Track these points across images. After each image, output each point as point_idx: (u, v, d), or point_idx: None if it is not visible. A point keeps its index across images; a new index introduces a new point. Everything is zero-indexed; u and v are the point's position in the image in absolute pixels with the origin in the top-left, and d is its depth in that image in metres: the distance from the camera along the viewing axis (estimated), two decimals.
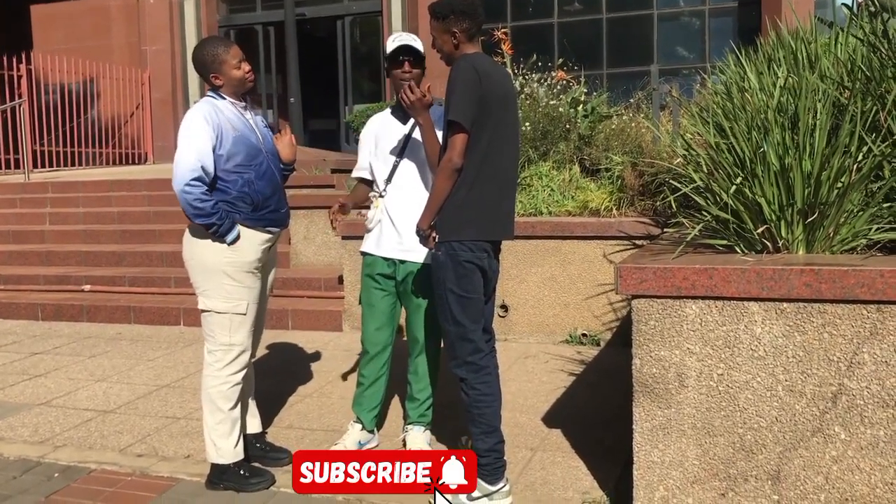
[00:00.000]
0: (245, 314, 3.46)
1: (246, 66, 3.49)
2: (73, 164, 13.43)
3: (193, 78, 15.08)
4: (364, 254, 3.76)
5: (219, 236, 3.39)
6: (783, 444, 2.66)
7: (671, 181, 3.27)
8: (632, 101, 6.98)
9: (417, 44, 3.60)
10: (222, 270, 3.41)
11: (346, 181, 7.83)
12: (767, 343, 2.66)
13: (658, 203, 5.30)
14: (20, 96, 12.61)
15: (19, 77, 13.01)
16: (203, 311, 3.46)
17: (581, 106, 6.53)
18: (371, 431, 3.81)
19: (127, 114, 14.78)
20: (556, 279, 5.52)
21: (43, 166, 12.85)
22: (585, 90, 6.52)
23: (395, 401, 4.31)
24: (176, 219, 8.53)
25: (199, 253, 3.44)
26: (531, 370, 4.95)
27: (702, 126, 3.26)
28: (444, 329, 3.21)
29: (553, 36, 13.08)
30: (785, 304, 2.62)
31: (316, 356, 5.53)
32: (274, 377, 5.00)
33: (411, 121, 3.62)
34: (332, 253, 7.18)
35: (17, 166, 12.68)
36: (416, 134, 3.60)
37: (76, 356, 5.72)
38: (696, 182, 3.13)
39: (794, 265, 2.60)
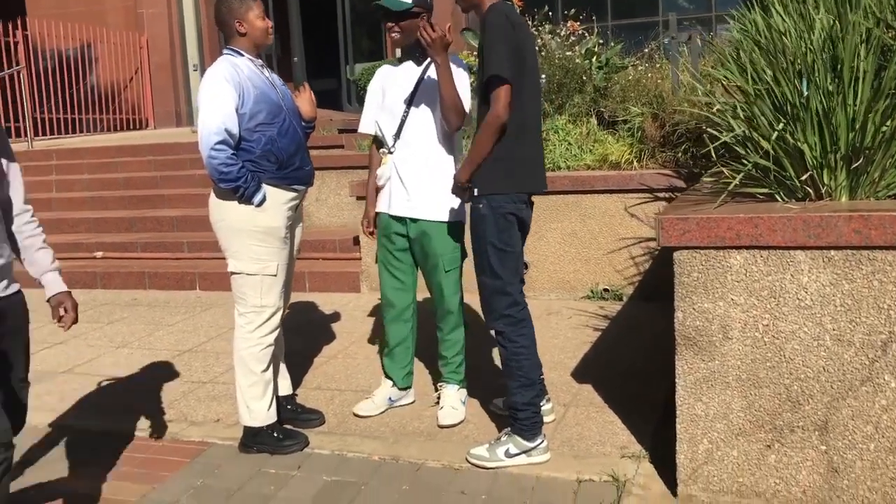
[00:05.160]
0: (276, 275, 3.41)
1: (269, 21, 3.40)
2: (73, 132, 13.29)
3: (192, 41, 14.87)
4: (378, 213, 3.71)
5: (245, 198, 3.32)
6: (831, 394, 2.62)
7: (710, 129, 3.19)
8: (646, 50, 6.84)
9: None
10: (251, 232, 3.35)
11: (356, 141, 7.74)
12: (814, 292, 2.60)
13: (680, 154, 5.22)
14: (17, 63, 12.43)
15: (16, 43, 12.82)
16: (233, 273, 3.41)
17: (595, 57, 6.41)
18: (404, 389, 3.79)
19: (126, 79, 14.59)
20: (576, 234, 5.47)
21: (44, 134, 12.70)
22: (601, 41, 6.39)
23: (428, 359, 4.27)
24: (183, 183, 8.47)
25: (227, 216, 3.37)
26: (555, 327, 4.91)
27: (738, 73, 3.17)
28: (481, 282, 3.18)
29: None
30: (833, 252, 2.56)
31: (336, 317, 5.50)
32: (296, 339, 4.97)
33: (419, 72, 3.55)
34: (344, 214, 7.11)
35: (17, 134, 12.56)
36: (424, 85, 3.52)
37: (94, 323, 5.69)
38: (734, 130, 3.05)
39: (841, 212, 2.54)
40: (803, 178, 2.79)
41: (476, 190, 3.12)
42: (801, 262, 2.61)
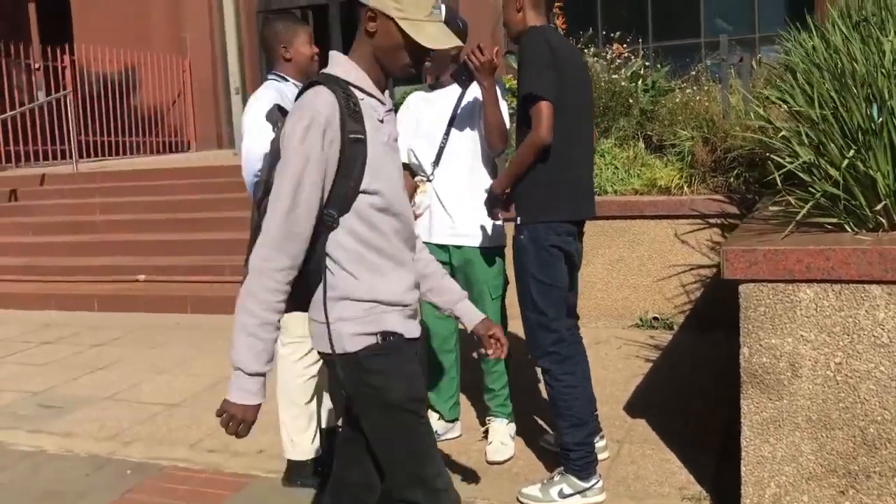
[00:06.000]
0: None
1: (315, 48, 3.36)
2: (117, 154, 13.46)
3: (233, 65, 14.96)
4: None
5: None
6: None
7: (772, 156, 3.06)
8: (693, 73, 6.70)
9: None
10: None
11: None
12: (892, 329, 2.45)
13: (732, 179, 5.07)
14: (65, 87, 12.65)
15: (63, 68, 13.05)
16: None
17: (641, 80, 6.29)
18: (451, 421, 3.68)
19: (169, 102, 14.77)
20: (624, 261, 5.33)
21: (88, 156, 12.86)
22: (647, 63, 6.27)
23: (473, 391, 4.15)
24: (228, 206, 8.48)
25: None
26: (605, 357, 4.77)
27: (802, 98, 3.04)
28: (524, 316, 3.07)
29: (596, 10, 12.75)
30: None
31: None
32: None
33: (456, 96, 3.45)
34: None
35: (62, 157, 12.74)
36: (463, 110, 3.44)
37: (136, 347, 5.67)
38: (799, 156, 2.91)
39: None
40: (877, 207, 2.65)
41: (518, 218, 3.01)
42: (876, 297, 2.46)
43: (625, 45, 6.68)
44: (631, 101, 6.05)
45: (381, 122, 1.92)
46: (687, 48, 11.47)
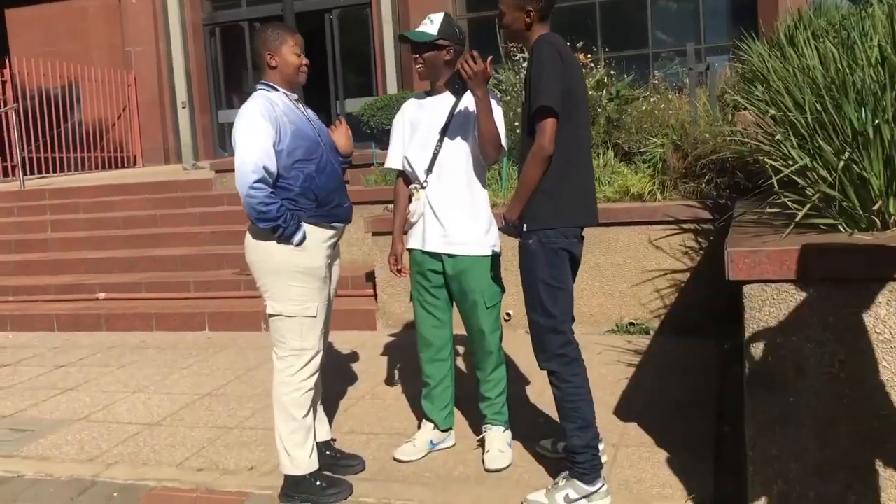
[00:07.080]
0: (315, 316, 3.29)
1: (305, 59, 3.32)
2: (61, 170, 13.11)
3: (180, 78, 14.78)
4: (410, 250, 3.60)
5: (284, 238, 3.20)
6: None
7: (768, 160, 3.13)
8: (655, 81, 6.84)
9: (425, 27, 3.44)
10: (290, 272, 3.23)
11: (364, 176, 7.65)
12: (894, 325, 2.52)
13: (703, 185, 5.17)
14: (5, 103, 12.27)
15: (3, 83, 12.68)
16: (271, 315, 3.28)
17: (605, 89, 6.39)
18: (446, 431, 3.66)
19: (113, 116, 14.46)
20: (599, 267, 5.38)
21: (32, 173, 12.50)
22: (613, 72, 6.37)
23: (466, 400, 4.13)
24: (183, 221, 8.33)
25: (265, 255, 3.25)
26: (588, 362, 4.69)
27: (792, 104, 3.12)
28: (532, 321, 3.08)
29: None
30: None
31: (356, 357, 5.35)
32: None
33: (450, 104, 3.45)
34: (354, 250, 6.99)
35: (6, 174, 12.36)
36: (457, 118, 3.44)
37: (104, 367, 5.50)
38: (788, 160, 2.99)
39: None
40: (874, 207, 2.73)
41: (525, 225, 3.03)
42: (878, 294, 2.53)
43: (588, 56, 6.77)
44: (599, 109, 6.13)
45: None
46: (636, 58, 11.66)
